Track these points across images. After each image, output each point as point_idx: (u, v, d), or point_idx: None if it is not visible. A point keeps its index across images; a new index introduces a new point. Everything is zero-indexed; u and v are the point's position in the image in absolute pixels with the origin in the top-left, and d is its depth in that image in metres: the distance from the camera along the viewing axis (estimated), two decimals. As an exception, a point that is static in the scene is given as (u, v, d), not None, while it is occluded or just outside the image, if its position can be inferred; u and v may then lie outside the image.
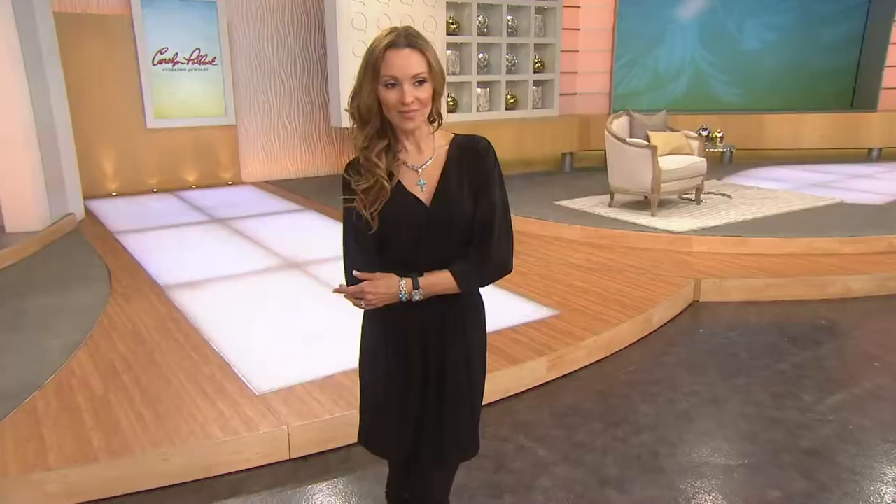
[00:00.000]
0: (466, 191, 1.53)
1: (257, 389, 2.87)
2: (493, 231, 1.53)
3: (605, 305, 3.87)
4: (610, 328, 3.55)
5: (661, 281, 4.29)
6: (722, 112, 9.08)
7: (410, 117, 1.46)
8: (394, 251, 1.54)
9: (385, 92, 1.46)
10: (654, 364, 3.45)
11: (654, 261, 4.75)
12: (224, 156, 7.91)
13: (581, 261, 4.80)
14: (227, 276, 4.45)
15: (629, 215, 5.67)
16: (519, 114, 8.44)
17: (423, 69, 1.45)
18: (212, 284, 4.28)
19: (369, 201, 1.50)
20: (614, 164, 5.85)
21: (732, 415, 2.94)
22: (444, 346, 1.60)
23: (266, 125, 8.11)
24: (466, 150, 1.56)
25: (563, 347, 3.31)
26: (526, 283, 4.27)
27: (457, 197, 1.53)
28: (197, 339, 3.41)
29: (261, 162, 8.18)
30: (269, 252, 5.03)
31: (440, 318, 1.58)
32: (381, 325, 1.61)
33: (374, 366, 1.65)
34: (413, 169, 1.54)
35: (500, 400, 3.06)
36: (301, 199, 7.00)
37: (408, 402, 1.62)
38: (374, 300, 1.51)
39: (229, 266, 4.66)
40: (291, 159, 8.37)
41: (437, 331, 1.59)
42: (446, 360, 1.60)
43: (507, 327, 3.52)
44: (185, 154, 7.68)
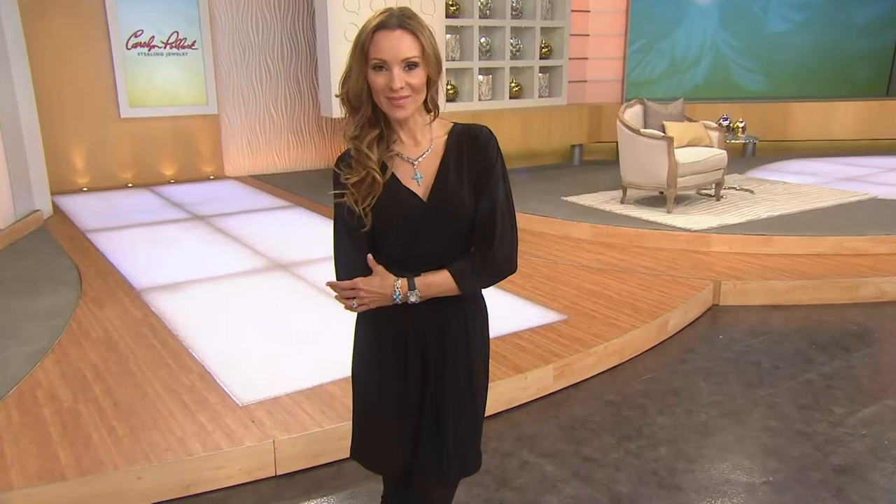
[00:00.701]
0: (466, 185, 1.54)
1: (241, 400, 2.87)
2: (496, 228, 1.53)
3: (616, 310, 3.87)
4: (622, 334, 3.55)
5: (678, 283, 4.30)
6: (744, 100, 9.09)
7: (400, 104, 1.46)
8: (388, 250, 1.54)
9: (374, 76, 1.46)
10: (670, 373, 3.46)
11: (669, 261, 4.75)
12: (205, 148, 7.91)
13: (591, 261, 4.80)
14: (207, 277, 4.45)
15: (643, 212, 5.67)
16: (524, 103, 8.44)
17: (414, 52, 1.44)
18: (191, 287, 4.28)
19: (361, 196, 1.50)
20: (627, 158, 5.85)
21: (755, 428, 2.94)
22: (443, 353, 1.60)
23: (251, 115, 8.12)
24: (466, 141, 1.56)
25: (572, 355, 3.31)
26: (531, 286, 4.27)
27: (456, 191, 1.53)
28: (175, 346, 3.41)
29: (245, 155, 8.18)
30: (253, 252, 5.03)
31: (439, 321, 1.58)
32: (376, 330, 1.61)
33: (367, 373, 1.65)
34: (408, 161, 1.55)
35: (504, 411, 3.06)
36: (289, 195, 7.00)
37: (404, 414, 1.62)
38: (367, 298, 1.51)
39: (210, 267, 4.66)
40: (278, 152, 8.38)
41: (437, 335, 1.59)
42: (446, 367, 1.60)
43: (510, 333, 3.53)
44: (162, 146, 7.68)
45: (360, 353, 1.68)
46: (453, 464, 1.64)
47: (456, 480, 1.70)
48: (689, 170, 5.63)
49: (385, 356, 1.61)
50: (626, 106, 6.02)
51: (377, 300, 1.52)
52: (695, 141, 5.92)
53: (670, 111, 6.13)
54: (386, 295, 1.52)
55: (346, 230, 1.54)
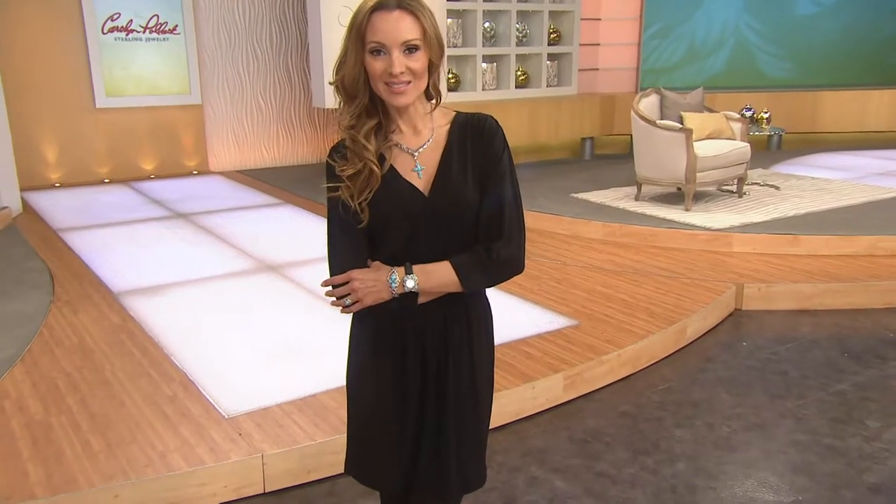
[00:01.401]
0: (471, 178, 1.54)
1: (226, 412, 2.87)
2: (503, 225, 1.53)
3: (631, 314, 3.88)
4: (637, 341, 3.56)
5: (697, 286, 4.30)
6: (769, 89, 9.10)
7: (400, 91, 1.46)
8: (387, 248, 1.54)
9: (371, 60, 1.45)
10: (689, 383, 3.45)
11: (688, 263, 4.76)
12: (188, 141, 7.92)
13: (603, 263, 4.81)
14: (191, 280, 4.46)
15: (659, 210, 5.68)
16: (531, 93, 8.45)
17: (415, 35, 1.44)
18: (173, 290, 4.29)
19: (357, 190, 1.50)
20: (642, 151, 5.85)
21: (782, 443, 2.94)
22: (444, 357, 1.60)
23: (237, 105, 8.13)
24: (470, 131, 1.56)
25: (583, 363, 3.31)
26: (539, 289, 4.28)
27: (459, 185, 1.53)
28: (156, 353, 3.42)
29: (231, 148, 8.20)
30: (240, 252, 5.04)
31: (441, 324, 1.59)
32: (372, 333, 1.62)
33: (363, 381, 1.65)
34: (408, 152, 1.55)
35: (510, 423, 3.06)
36: (278, 192, 7.01)
37: (403, 425, 1.62)
38: (362, 290, 1.51)
39: (194, 269, 4.67)
40: (267, 146, 8.39)
41: (437, 338, 1.59)
42: (447, 373, 1.60)
43: (517, 339, 3.53)
44: (141, 138, 7.69)
45: (355, 359, 1.68)
46: (455, 480, 1.64)
47: (458, 498, 1.69)
48: (710, 164, 5.63)
49: (382, 362, 1.61)
50: (641, 95, 6.02)
51: (372, 292, 1.51)
52: (715, 133, 5.93)
53: (689, 101, 6.13)
54: (381, 283, 1.51)
55: (341, 226, 1.54)
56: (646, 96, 6.04)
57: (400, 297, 1.52)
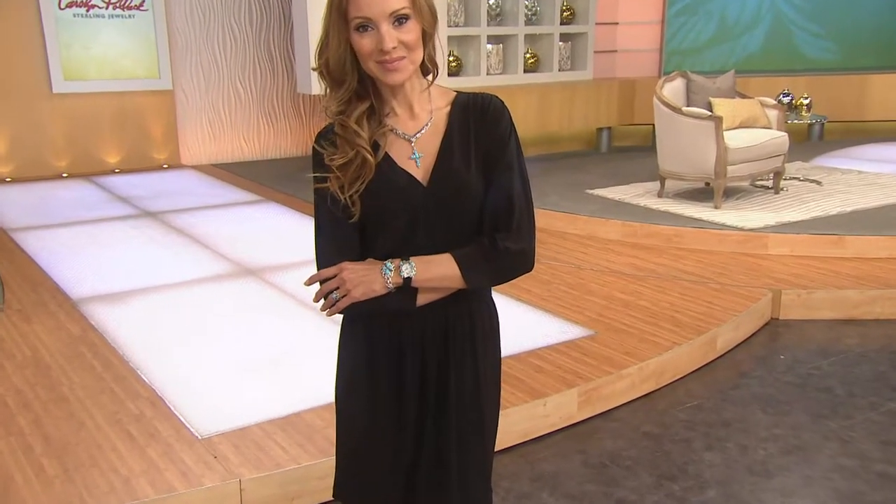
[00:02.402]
0: (474, 165, 1.54)
1: (200, 432, 2.87)
2: (512, 217, 1.53)
3: (654, 324, 3.88)
4: (661, 353, 3.56)
5: (728, 293, 4.30)
6: (810, 72, 9.09)
7: (394, 67, 1.46)
8: (381, 245, 1.54)
9: (358, 38, 1.45)
10: (719, 400, 3.45)
11: (718, 267, 4.76)
12: (157, 131, 7.93)
13: (622, 266, 4.81)
14: (160, 286, 4.47)
15: (685, 208, 5.68)
16: (541, 78, 8.47)
17: (402, 2, 1.43)
18: (140, 297, 4.29)
19: (348, 181, 1.50)
20: (666, 142, 5.85)
21: (826, 468, 2.92)
22: (446, 368, 1.60)
23: (212, 91, 8.14)
24: (473, 113, 1.56)
25: (600, 377, 3.31)
26: (551, 295, 4.28)
27: (462, 173, 1.53)
28: (120, 367, 3.41)
29: (206, 139, 8.21)
30: (216, 255, 5.05)
31: (442, 328, 1.59)
32: (366, 341, 1.61)
33: (355, 395, 1.65)
34: (404, 138, 1.55)
35: (518, 445, 3.06)
36: (258, 188, 7.02)
37: (399, 445, 1.62)
38: (352, 280, 1.50)
39: (164, 273, 4.68)
40: (246, 136, 8.40)
41: (439, 346, 1.59)
42: (449, 385, 1.60)
43: (526, 351, 3.53)
44: (104, 128, 7.70)
45: (345, 370, 1.67)
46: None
47: (460, 526, 1.69)
48: (742, 156, 5.63)
49: (376, 373, 1.60)
50: (664, 80, 6.03)
51: (364, 283, 1.50)
52: (749, 121, 5.93)
53: (719, 86, 6.13)
54: (374, 273, 1.50)
55: (330, 222, 1.54)
56: (670, 81, 6.04)
57: (396, 295, 1.51)
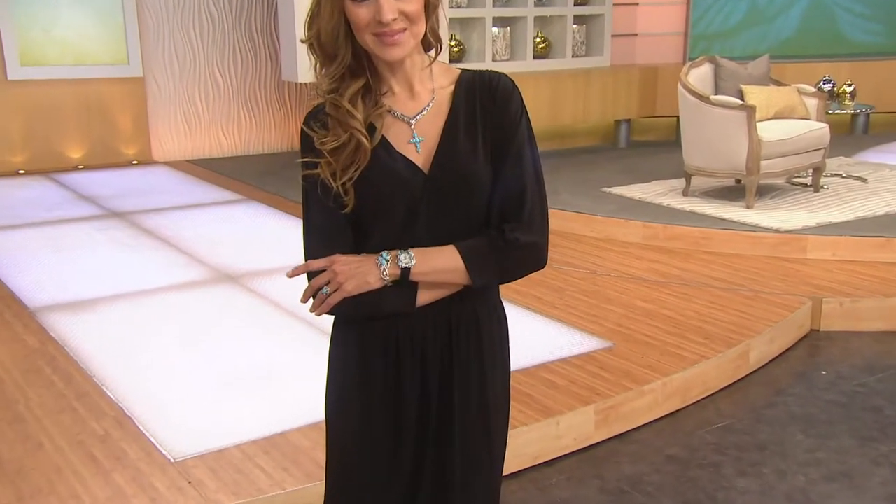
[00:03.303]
0: (482, 150, 1.55)
1: (173, 454, 2.86)
2: (523, 206, 1.54)
3: (679, 335, 3.87)
4: (687, 367, 3.55)
5: (762, 301, 4.30)
6: (854, 58, 9.05)
7: (394, 41, 1.46)
8: (377, 240, 1.54)
9: (353, 8, 1.45)
10: (753, 420, 3.44)
11: (750, 272, 4.75)
12: (126, 123, 7.94)
13: (644, 272, 4.81)
14: (129, 293, 4.46)
15: (714, 207, 5.67)
16: (553, 64, 8.47)
17: None
18: (106, 306, 4.28)
19: (341, 167, 1.50)
20: (692, 135, 5.85)
21: (876, 496, 2.91)
22: (450, 378, 1.60)
23: (188, 79, 8.15)
24: (481, 92, 1.57)
25: (619, 394, 3.31)
26: (564, 304, 4.28)
27: (468, 159, 1.54)
28: (83, 383, 3.40)
29: (180, 133, 8.21)
30: (191, 259, 5.05)
31: (445, 331, 1.58)
32: (359, 347, 1.61)
33: (347, 410, 1.64)
34: (403, 120, 1.55)
35: (528, 469, 3.05)
36: (239, 186, 7.02)
37: (397, 465, 1.62)
38: (344, 273, 1.50)
39: (133, 280, 4.68)
40: (226, 130, 8.40)
41: (441, 353, 1.59)
42: (453, 399, 1.60)
43: (536, 364, 3.53)
44: (66, 120, 7.70)
45: (337, 381, 1.67)
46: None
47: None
48: (777, 150, 5.63)
49: (371, 385, 1.60)
50: (690, 65, 6.02)
51: (357, 275, 1.50)
52: (785, 111, 5.93)
53: (751, 72, 6.13)
54: (369, 263, 1.50)
55: (321, 212, 1.55)
56: (697, 66, 6.04)
57: (393, 293, 1.51)
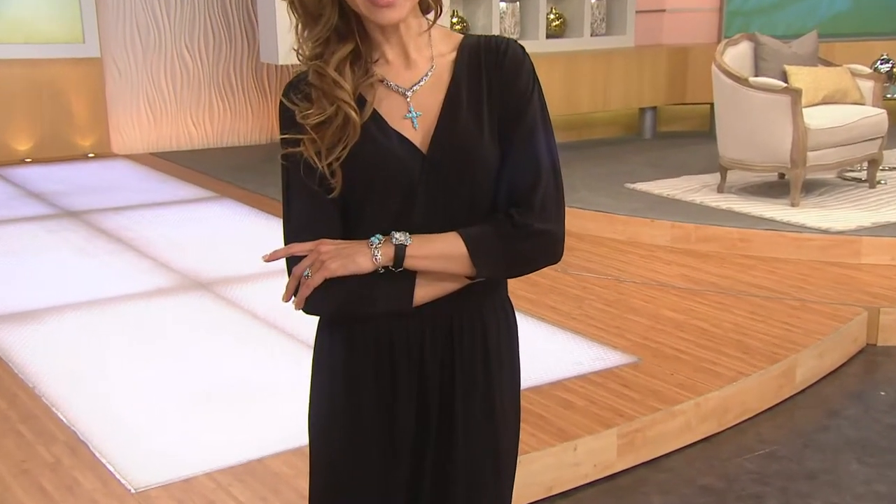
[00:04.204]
0: (487, 127, 1.54)
1: (133, 483, 2.85)
2: (536, 190, 1.53)
3: (714, 349, 3.87)
4: (723, 386, 3.55)
5: (810, 311, 4.30)
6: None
7: (388, 2, 1.46)
8: (368, 228, 1.53)
9: None
10: (800, 446, 3.43)
11: (796, 279, 4.75)
12: (81, 110, 7.95)
13: (673, 278, 4.81)
14: (84, 302, 4.46)
15: (754, 205, 5.67)
16: (569, 45, 8.48)
17: None
18: (59, 316, 4.29)
19: (326, 145, 1.49)
20: (729, 123, 5.85)
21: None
22: (451, 387, 1.59)
23: (152, 61, 8.16)
24: (487, 61, 1.57)
25: (646, 415, 3.31)
26: (583, 314, 4.28)
27: (471, 136, 1.53)
28: (30, 403, 3.40)
29: (143, 122, 8.22)
30: (156, 264, 5.05)
31: (446, 335, 1.58)
32: (347, 352, 1.60)
33: (334, 426, 1.63)
34: (398, 92, 1.55)
35: (541, 500, 3.04)
36: (211, 182, 7.03)
37: (390, 488, 1.61)
38: (329, 253, 1.49)
39: (89, 287, 4.68)
40: (196, 118, 8.42)
41: (441, 358, 1.58)
42: (455, 411, 1.59)
43: (551, 382, 3.53)
44: (12, 106, 7.70)
45: (322, 394, 1.66)
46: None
47: None
48: (827, 139, 5.63)
49: (362, 396, 1.59)
50: (726, 43, 6.04)
51: (343, 255, 1.48)
52: (835, 95, 5.93)
53: (796, 51, 6.14)
54: (358, 251, 1.49)
55: (304, 197, 1.54)
56: (734, 45, 6.05)
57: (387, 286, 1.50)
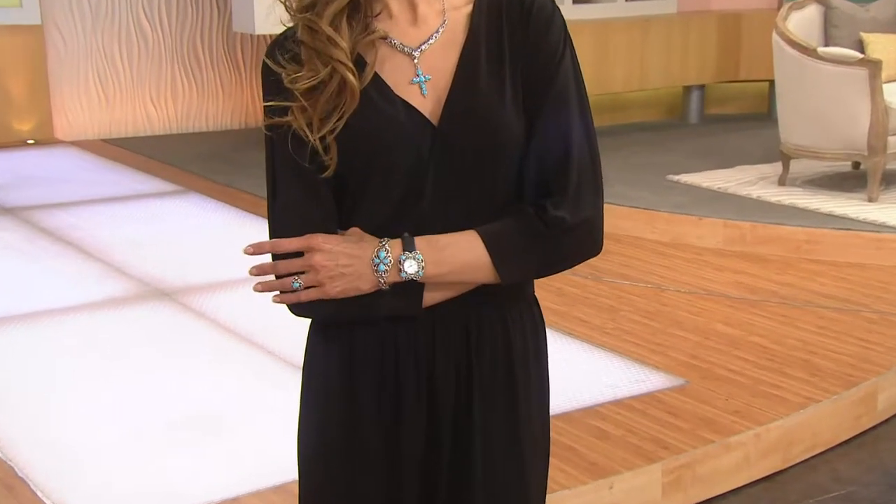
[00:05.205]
0: (510, 94, 1.54)
1: (83, 527, 2.86)
2: (569, 172, 1.54)
3: (777, 371, 3.86)
4: (789, 413, 3.54)
5: (892, 326, 4.30)
6: None
7: None
8: (367, 215, 1.55)
9: None
10: (886, 486, 3.43)
11: (875, 287, 4.76)
12: (17, 88, 7.97)
13: (726, 286, 4.81)
14: (23, 314, 4.47)
15: (823, 200, 5.67)
16: (600, 10, 8.49)
17: None
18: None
19: (319, 114, 1.49)
20: (792, 102, 5.86)
21: None
22: (468, 405, 1.59)
23: (104, 30, 8.17)
24: (509, 16, 1.57)
25: (696, 448, 3.30)
26: (618, 328, 4.29)
27: (492, 104, 1.54)
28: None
29: (94, 103, 8.24)
30: (109, 269, 5.06)
31: (461, 344, 1.58)
32: (345, 365, 1.60)
33: (330, 452, 1.64)
34: (404, 52, 1.56)
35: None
36: (175, 174, 7.04)
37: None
38: (327, 271, 1.49)
39: (29, 296, 4.69)
40: (156, 98, 8.44)
41: (456, 370, 1.58)
42: (473, 434, 1.59)
43: (582, 408, 3.53)
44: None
45: (315, 413, 1.66)
46: None
47: None
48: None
49: (362, 416, 1.60)
50: (790, 8, 6.04)
51: (346, 276, 1.49)
52: (920, 69, 5.92)
53: (875, 15, 6.14)
54: (362, 262, 1.49)
55: (293, 177, 1.54)
56: (799, 9, 6.05)
57: (392, 295, 1.51)
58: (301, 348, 1.66)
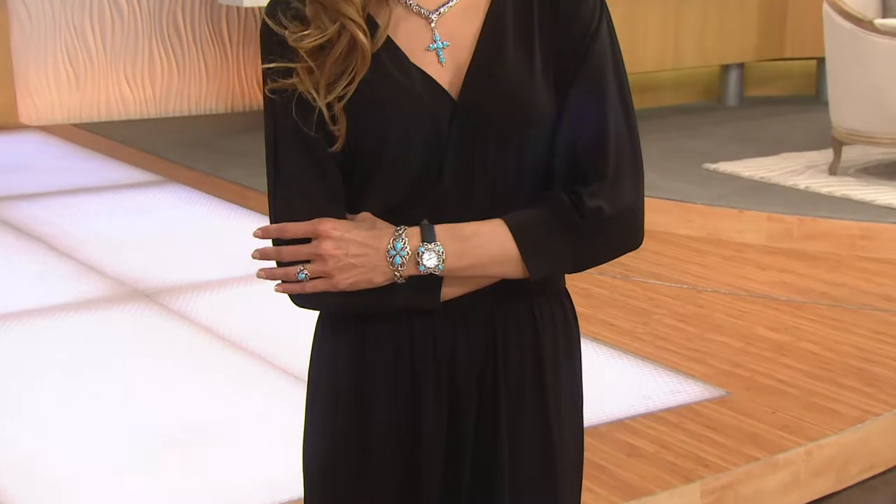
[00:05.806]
0: (540, 67, 1.55)
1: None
2: (607, 155, 1.54)
3: (829, 380, 3.86)
4: (844, 429, 3.53)
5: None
6: None
7: None
8: (379, 196, 1.55)
9: None
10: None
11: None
12: (-19, 68, 8.00)
13: (771, 287, 4.82)
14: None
15: (880, 191, 5.69)
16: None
17: None
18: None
19: (326, 77, 1.50)
20: (845, 82, 5.87)
21: None
22: (493, 413, 1.60)
23: (73, 2, 8.19)
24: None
25: (738, 466, 3.30)
26: (650, 333, 4.30)
27: (519, 77, 1.54)
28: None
29: (63, 82, 8.27)
30: (82, 267, 5.08)
31: (485, 341, 1.59)
32: (357, 366, 1.60)
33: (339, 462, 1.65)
34: (420, 15, 1.56)
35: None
36: (153, 162, 7.07)
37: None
38: (336, 262, 1.49)
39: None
40: (132, 79, 8.47)
41: (480, 372, 1.59)
42: (500, 442, 1.60)
43: (612, 421, 3.54)
44: None
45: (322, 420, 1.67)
46: None
47: None
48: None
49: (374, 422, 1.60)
50: (841, -25, 6.04)
51: (358, 270, 1.49)
52: None
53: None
54: (376, 253, 1.49)
55: (297, 149, 1.54)
56: (852, -23, 6.06)
57: (408, 288, 1.51)
58: (293, 353, 1.66)
